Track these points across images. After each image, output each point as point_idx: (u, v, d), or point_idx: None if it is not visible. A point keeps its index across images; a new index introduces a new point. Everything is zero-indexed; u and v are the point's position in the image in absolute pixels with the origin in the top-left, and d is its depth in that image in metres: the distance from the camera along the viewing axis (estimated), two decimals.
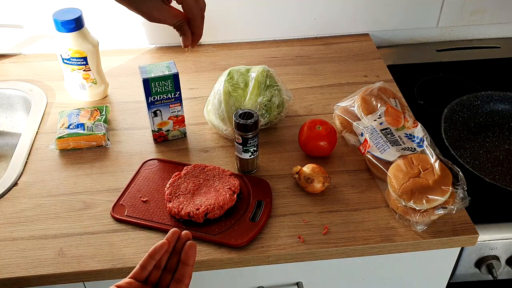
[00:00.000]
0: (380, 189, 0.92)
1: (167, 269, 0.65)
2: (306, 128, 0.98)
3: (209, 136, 1.06)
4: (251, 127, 0.89)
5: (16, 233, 0.86)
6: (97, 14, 1.27)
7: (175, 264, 0.65)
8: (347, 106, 1.03)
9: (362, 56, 1.30)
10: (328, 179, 0.90)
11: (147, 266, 0.63)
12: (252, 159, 0.94)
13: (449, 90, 1.25)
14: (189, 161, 1.00)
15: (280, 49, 1.34)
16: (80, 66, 1.10)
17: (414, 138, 0.93)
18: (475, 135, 1.10)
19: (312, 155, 0.99)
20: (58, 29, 1.05)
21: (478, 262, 0.95)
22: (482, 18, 1.38)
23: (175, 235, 0.65)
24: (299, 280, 0.92)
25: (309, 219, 0.88)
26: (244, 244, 0.83)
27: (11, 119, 1.23)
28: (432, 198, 0.82)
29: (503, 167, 1.03)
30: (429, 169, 0.86)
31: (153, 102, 0.97)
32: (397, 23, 1.38)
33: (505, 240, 0.92)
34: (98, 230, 0.86)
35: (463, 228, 0.85)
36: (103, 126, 1.05)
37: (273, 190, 0.93)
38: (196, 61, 1.30)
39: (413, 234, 0.85)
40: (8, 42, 1.30)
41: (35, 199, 0.92)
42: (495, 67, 1.34)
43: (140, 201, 0.90)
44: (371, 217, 0.88)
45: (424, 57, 1.37)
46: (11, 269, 0.80)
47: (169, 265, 0.65)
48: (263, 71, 1.03)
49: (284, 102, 1.04)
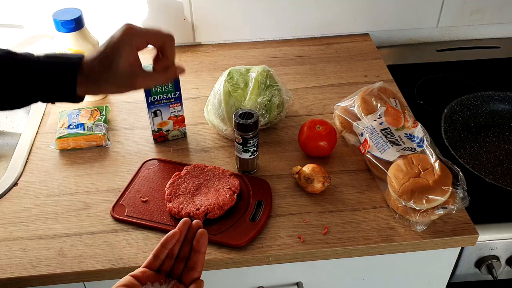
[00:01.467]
0: (380, 189, 0.92)
1: (180, 258, 0.66)
2: (306, 128, 0.98)
3: (209, 136, 1.06)
4: (251, 127, 0.89)
5: (16, 233, 0.86)
6: (97, 14, 1.27)
7: (187, 252, 0.66)
8: (347, 106, 1.03)
9: (362, 56, 1.30)
10: (328, 179, 0.90)
11: (159, 255, 0.65)
12: (252, 159, 0.94)
13: (449, 90, 1.25)
14: (189, 161, 1.00)
15: (280, 49, 1.34)
16: None
17: (414, 138, 0.93)
18: (475, 135, 1.10)
19: (312, 155, 0.99)
20: (58, 29, 1.05)
21: (478, 262, 0.95)
22: (482, 18, 1.38)
23: (186, 225, 0.66)
24: (299, 280, 0.92)
25: (309, 219, 0.88)
26: (244, 244, 0.83)
27: (11, 119, 1.23)
28: (432, 198, 0.82)
29: (503, 167, 1.03)
30: (429, 169, 0.86)
31: (153, 102, 0.97)
32: (397, 23, 1.38)
33: (505, 240, 0.92)
34: (98, 230, 0.86)
35: (463, 228, 0.85)
36: (103, 126, 1.05)
37: (273, 190, 0.93)
38: (196, 61, 1.30)
39: (413, 234, 0.85)
40: (8, 42, 1.30)
41: (35, 199, 0.92)
42: (495, 67, 1.34)
43: (140, 201, 0.90)
44: (371, 217, 0.88)
45: (424, 57, 1.37)
46: (11, 269, 0.80)
47: (181, 254, 0.66)
48: (263, 71, 1.03)
49: (284, 102, 1.04)
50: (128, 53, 0.70)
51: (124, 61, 0.70)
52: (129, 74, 0.71)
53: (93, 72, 0.70)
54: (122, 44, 0.70)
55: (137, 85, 0.74)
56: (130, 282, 0.62)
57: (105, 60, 0.70)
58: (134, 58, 0.71)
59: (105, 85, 0.72)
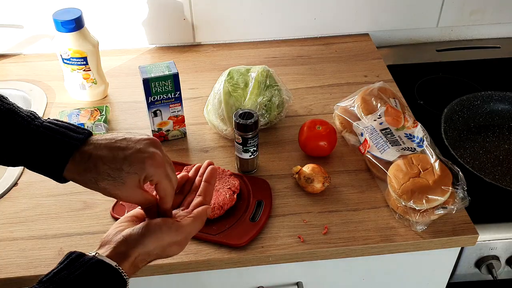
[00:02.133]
0: (380, 189, 0.92)
1: (192, 190, 0.72)
2: (306, 128, 0.98)
3: (209, 136, 1.06)
4: (251, 127, 0.89)
5: (16, 233, 0.86)
6: (97, 14, 1.27)
7: (199, 184, 0.72)
8: (347, 106, 1.03)
9: (362, 56, 1.30)
10: (328, 179, 0.90)
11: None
12: (252, 159, 0.94)
13: (449, 90, 1.25)
14: (189, 161, 1.00)
15: (280, 49, 1.34)
16: (80, 66, 1.10)
17: (414, 138, 0.93)
18: (475, 135, 1.10)
19: (312, 155, 0.99)
20: (58, 29, 1.05)
21: (478, 262, 0.95)
22: (482, 18, 1.38)
23: (197, 169, 0.74)
24: (299, 280, 0.92)
25: (309, 219, 0.88)
26: (244, 244, 0.83)
27: None
28: (432, 198, 0.82)
29: (503, 167, 1.03)
30: (429, 169, 0.86)
31: (153, 102, 0.97)
32: (397, 23, 1.38)
33: (505, 240, 0.92)
34: (98, 230, 0.86)
35: (463, 228, 0.85)
36: (103, 126, 1.05)
37: (273, 190, 0.93)
38: (196, 61, 1.30)
39: (413, 234, 0.85)
40: (8, 42, 1.30)
41: (35, 199, 0.92)
42: (495, 67, 1.34)
43: None
44: (371, 217, 0.88)
45: (424, 57, 1.37)
46: (11, 269, 0.80)
47: (193, 187, 0.72)
48: (263, 71, 1.03)
49: (284, 102, 1.04)
50: (137, 180, 0.62)
51: (131, 181, 0.62)
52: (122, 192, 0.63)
53: (90, 167, 0.61)
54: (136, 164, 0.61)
55: (130, 198, 0.65)
56: (139, 213, 0.67)
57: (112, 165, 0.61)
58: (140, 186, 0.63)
59: (91, 186, 0.63)
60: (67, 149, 0.61)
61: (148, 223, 0.63)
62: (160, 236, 0.62)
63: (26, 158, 0.63)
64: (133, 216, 0.67)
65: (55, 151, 0.61)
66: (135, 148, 0.62)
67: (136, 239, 0.61)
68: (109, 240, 0.62)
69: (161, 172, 0.63)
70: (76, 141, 0.62)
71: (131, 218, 0.66)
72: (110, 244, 0.61)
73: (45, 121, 0.64)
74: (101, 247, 0.61)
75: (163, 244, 0.62)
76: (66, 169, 0.62)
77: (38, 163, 0.63)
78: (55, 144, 0.61)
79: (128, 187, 0.62)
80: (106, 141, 0.63)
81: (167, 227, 0.63)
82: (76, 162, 0.61)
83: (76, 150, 0.61)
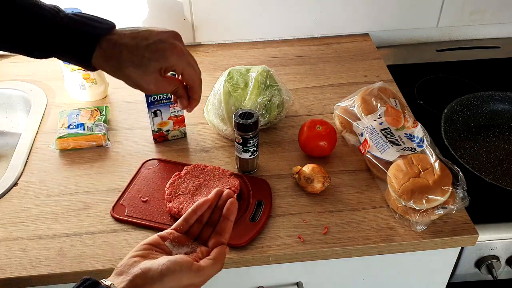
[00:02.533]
0: (380, 189, 0.92)
1: (209, 223, 0.67)
2: (306, 128, 0.98)
3: (209, 136, 1.06)
4: (251, 127, 0.89)
5: (16, 233, 0.86)
6: (97, 14, 1.26)
7: (217, 219, 0.67)
8: (347, 106, 1.03)
9: (362, 56, 1.30)
10: (328, 179, 0.90)
11: (189, 219, 0.66)
12: (252, 159, 0.94)
13: (449, 90, 1.25)
14: (189, 161, 1.00)
15: (280, 49, 1.34)
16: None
17: (414, 138, 0.93)
18: (475, 135, 1.11)
19: (312, 155, 0.99)
20: None
21: (478, 262, 0.95)
22: (482, 18, 1.38)
23: (218, 194, 0.68)
24: (299, 280, 0.92)
25: (309, 219, 0.88)
26: (244, 244, 0.83)
27: (11, 119, 1.23)
28: (432, 198, 0.82)
29: (503, 167, 1.03)
30: (429, 169, 0.86)
31: (153, 102, 0.97)
32: (397, 23, 1.38)
33: (505, 240, 0.92)
34: (98, 230, 0.86)
35: (463, 228, 0.85)
36: (103, 126, 1.05)
37: (273, 190, 0.93)
38: (196, 61, 1.30)
39: (413, 234, 0.85)
40: None
41: (35, 199, 0.92)
42: (495, 67, 1.34)
43: (140, 201, 0.90)
44: (371, 217, 0.88)
45: (424, 57, 1.37)
46: (11, 269, 0.80)
47: (211, 220, 0.67)
48: (263, 71, 1.03)
49: (284, 102, 1.04)
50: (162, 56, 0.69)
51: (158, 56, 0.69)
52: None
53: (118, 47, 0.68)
54: (163, 42, 0.69)
55: (151, 85, 0.71)
56: (156, 241, 0.64)
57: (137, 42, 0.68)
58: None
59: (117, 73, 0.70)
60: (94, 37, 0.68)
61: (168, 261, 0.60)
62: (180, 277, 0.60)
63: (57, 47, 0.69)
64: (149, 245, 0.63)
65: (84, 39, 0.67)
66: (157, 38, 0.68)
67: (154, 276, 0.59)
68: (126, 271, 0.60)
69: (183, 60, 0.70)
70: (102, 30, 0.68)
71: (147, 246, 0.63)
72: (126, 275, 0.59)
73: (70, 14, 0.69)
74: (116, 276, 0.60)
75: (180, 285, 0.61)
76: (94, 56, 0.68)
77: (69, 51, 0.68)
78: (84, 33, 0.68)
79: (150, 74, 0.67)
80: (129, 31, 0.69)
81: (187, 268, 0.61)
82: (102, 50, 0.68)
83: (102, 37, 0.68)
